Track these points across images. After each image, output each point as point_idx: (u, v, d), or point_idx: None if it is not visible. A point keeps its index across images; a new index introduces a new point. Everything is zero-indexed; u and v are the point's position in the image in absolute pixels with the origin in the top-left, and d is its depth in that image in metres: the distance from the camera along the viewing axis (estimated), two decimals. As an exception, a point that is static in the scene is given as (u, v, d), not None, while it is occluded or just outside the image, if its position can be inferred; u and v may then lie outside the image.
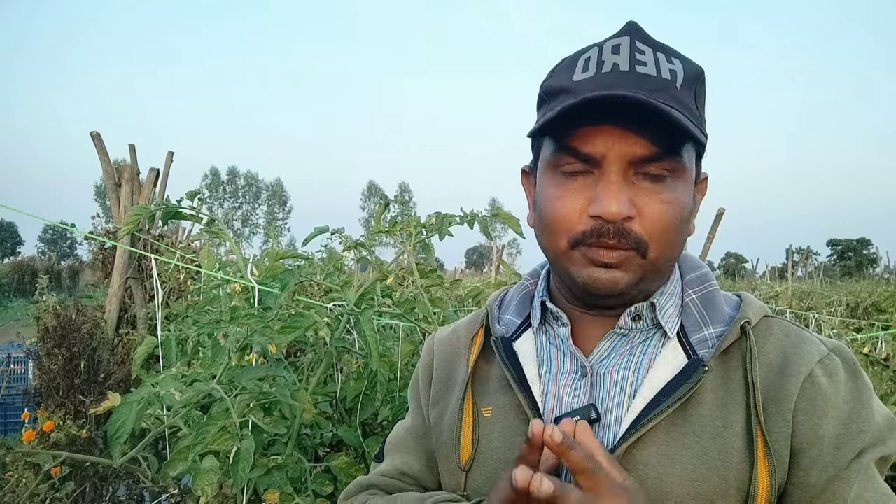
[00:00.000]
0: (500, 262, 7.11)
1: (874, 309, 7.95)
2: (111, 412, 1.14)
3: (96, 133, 3.18)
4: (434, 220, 1.63)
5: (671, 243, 0.67)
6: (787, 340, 0.68)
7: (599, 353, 0.71)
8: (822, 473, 0.62)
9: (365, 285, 1.56)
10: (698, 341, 0.68)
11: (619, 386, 0.68)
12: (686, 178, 0.67)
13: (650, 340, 0.70)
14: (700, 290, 0.73)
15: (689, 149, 0.66)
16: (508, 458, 0.70)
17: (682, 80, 0.65)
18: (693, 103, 0.66)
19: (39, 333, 3.02)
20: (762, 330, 0.69)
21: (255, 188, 70.91)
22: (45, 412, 2.61)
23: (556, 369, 0.73)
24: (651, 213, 0.65)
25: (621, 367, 0.69)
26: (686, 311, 0.71)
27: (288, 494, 1.36)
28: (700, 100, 0.68)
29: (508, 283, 2.32)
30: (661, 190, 0.65)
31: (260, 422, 1.22)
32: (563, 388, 0.71)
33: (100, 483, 2.34)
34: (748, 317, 0.68)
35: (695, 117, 0.65)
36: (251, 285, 1.61)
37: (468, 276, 13.67)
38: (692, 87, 0.66)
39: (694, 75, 0.66)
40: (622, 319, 0.70)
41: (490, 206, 1.77)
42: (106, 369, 2.93)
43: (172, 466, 1.13)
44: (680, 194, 0.66)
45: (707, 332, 0.69)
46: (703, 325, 0.70)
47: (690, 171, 0.68)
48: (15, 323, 11.84)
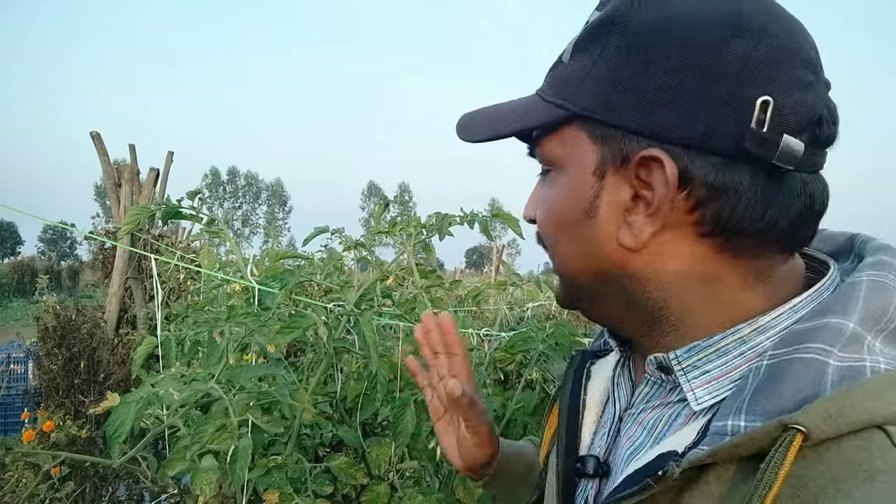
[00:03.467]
0: (500, 262, 7.11)
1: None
2: (111, 412, 1.14)
3: (96, 133, 3.17)
4: (434, 221, 1.62)
5: (557, 247, 0.54)
6: (851, 472, 0.37)
7: (638, 399, 0.57)
8: None
9: (365, 285, 1.56)
10: (714, 432, 0.44)
11: (632, 447, 0.54)
12: (567, 168, 0.52)
13: (688, 403, 0.49)
14: (781, 355, 0.43)
15: (568, 130, 0.51)
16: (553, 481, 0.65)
17: (573, 49, 0.51)
18: (587, 63, 0.50)
19: (39, 333, 3.02)
20: (842, 448, 0.38)
21: (255, 188, 70.88)
22: (44, 412, 2.60)
23: (612, 403, 0.61)
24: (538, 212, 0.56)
25: (646, 426, 0.53)
26: (742, 382, 0.45)
27: (288, 494, 1.36)
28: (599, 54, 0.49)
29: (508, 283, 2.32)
30: (541, 189, 0.57)
31: (258, 421, 1.22)
32: (604, 422, 0.61)
33: (100, 483, 2.34)
34: (805, 421, 0.38)
35: (568, 85, 0.51)
36: (251, 285, 1.60)
37: (468, 276, 13.67)
38: (590, 45, 0.50)
39: (590, 32, 0.50)
40: (647, 367, 0.53)
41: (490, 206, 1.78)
42: (106, 369, 2.93)
43: (171, 466, 1.13)
44: (555, 190, 0.53)
45: (731, 423, 0.43)
46: (739, 409, 0.43)
47: (570, 158, 0.51)
48: (15, 323, 11.84)
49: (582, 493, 0.59)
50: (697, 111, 0.45)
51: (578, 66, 0.50)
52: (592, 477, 0.56)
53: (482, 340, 1.93)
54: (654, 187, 0.47)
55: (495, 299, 2.85)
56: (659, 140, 0.46)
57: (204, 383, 1.15)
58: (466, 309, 2.68)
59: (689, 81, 0.45)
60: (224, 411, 1.15)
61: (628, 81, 0.47)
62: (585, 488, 0.58)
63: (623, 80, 0.47)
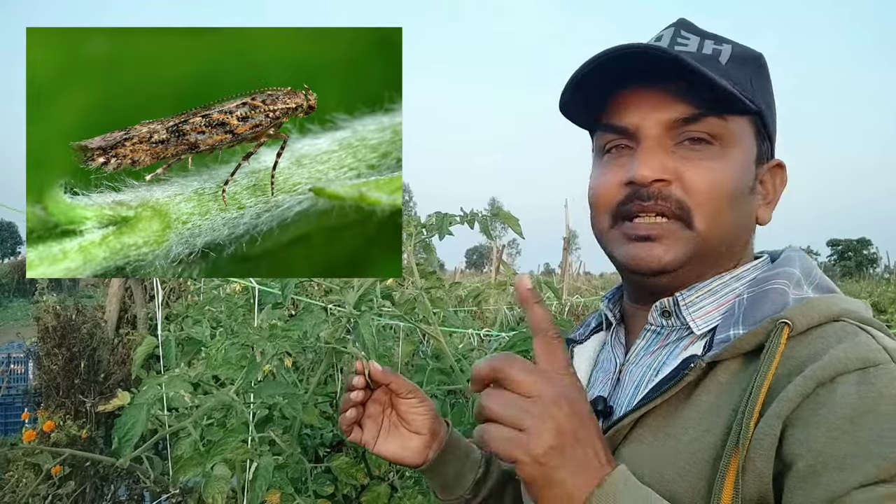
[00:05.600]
0: (500, 262, 7.11)
1: (874, 309, 7.96)
2: (114, 412, 1.14)
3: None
4: (434, 220, 1.63)
5: (721, 214, 0.61)
6: (829, 342, 0.54)
7: (636, 351, 0.68)
8: (807, 495, 0.48)
9: (365, 286, 1.56)
10: (720, 342, 0.59)
11: (636, 383, 0.65)
12: (738, 147, 0.62)
13: (683, 340, 0.64)
14: (756, 290, 0.61)
15: (739, 120, 0.62)
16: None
17: (728, 58, 0.62)
18: (744, 79, 0.62)
19: (39, 333, 3.02)
20: (815, 334, 0.55)
21: (255, 188, 70.80)
22: (45, 412, 2.61)
23: (601, 367, 0.73)
24: (693, 175, 0.60)
25: (647, 365, 0.65)
26: (730, 310, 0.61)
27: (289, 494, 1.36)
28: (756, 80, 0.64)
29: (508, 284, 2.32)
30: (705, 155, 0.61)
31: (279, 439, 1.23)
32: (598, 382, 0.71)
33: (100, 483, 2.34)
34: (790, 318, 0.55)
35: (742, 87, 0.61)
36: (251, 285, 1.61)
37: (468, 276, 13.67)
38: (743, 66, 0.63)
39: (746, 55, 0.64)
40: (650, 315, 0.65)
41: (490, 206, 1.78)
42: (106, 369, 2.94)
43: (182, 472, 1.13)
44: (729, 163, 0.61)
45: (732, 332, 0.59)
46: (735, 324, 0.59)
47: (743, 142, 0.63)
48: (15, 323, 11.84)
49: None
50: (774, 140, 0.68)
51: (745, 76, 0.63)
52: (601, 414, 0.66)
53: (482, 341, 1.93)
54: (771, 186, 0.67)
55: (495, 299, 2.86)
56: (772, 153, 0.67)
57: (226, 394, 1.15)
58: (466, 309, 2.68)
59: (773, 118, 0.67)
60: (244, 425, 1.16)
61: (771, 107, 0.66)
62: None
63: (769, 105, 0.66)
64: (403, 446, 0.81)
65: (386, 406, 0.82)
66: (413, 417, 0.80)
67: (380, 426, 0.81)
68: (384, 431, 0.81)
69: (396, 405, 0.81)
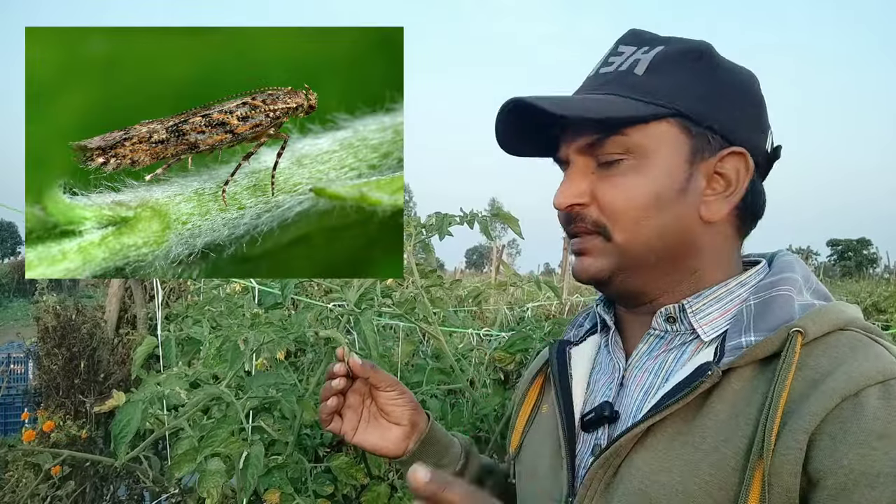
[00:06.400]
0: (500, 262, 7.11)
1: (874, 309, 7.93)
2: (113, 412, 1.13)
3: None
4: (434, 220, 1.62)
5: (639, 223, 0.64)
6: (845, 353, 0.56)
7: (638, 355, 0.69)
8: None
9: (365, 285, 1.56)
10: (731, 348, 0.60)
11: (644, 389, 0.66)
12: (658, 153, 0.64)
13: (688, 345, 0.66)
14: (763, 296, 0.63)
15: (653, 126, 0.63)
16: (541, 453, 0.73)
17: (647, 66, 0.64)
18: (665, 82, 0.64)
19: (39, 333, 3.02)
20: (827, 342, 0.57)
21: (254, 188, 70.83)
22: (45, 412, 2.61)
23: (602, 370, 0.73)
24: (604, 196, 0.65)
25: (652, 370, 0.67)
26: (738, 317, 0.63)
27: (288, 494, 1.36)
28: (690, 75, 0.64)
29: (508, 284, 2.32)
30: (619, 170, 0.64)
31: (269, 428, 1.23)
32: (600, 387, 0.71)
33: (100, 483, 2.34)
34: (803, 326, 0.57)
35: (654, 94, 0.63)
36: (251, 285, 1.61)
37: (468, 276, 13.66)
38: (673, 66, 0.64)
39: (679, 53, 0.65)
40: (655, 320, 0.67)
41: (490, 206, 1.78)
42: (106, 369, 2.93)
43: (178, 468, 1.13)
44: (646, 172, 0.64)
45: (744, 339, 0.60)
46: (745, 331, 0.60)
47: (664, 146, 0.64)
48: (15, 323, 11.83)
49: (581, 445, 0.69)
50: (754, 130, 0.66)
51: (670, 80, 0.64)
52: (607, 420, 0.67)
53: (482, 340, 1.93)
54: (731, 176, 0.64)
55: (495, 299, 2.86)
56: (729, 142, 0.64)
57: (216, 387, 1.15)
58: (466, 309, 2.68)
59: (748, 108, 0.66)
60: (235, 416, 1.15)
61: (713, 97, 0.64)
62: (586, 441, 0.69)
63: (709, 96, 0.64)
64: (383, 437, 0.81)
65: (366, 397, 0.82)
66: (392, 408, 0.81)
67: (359, 417, 0.82)
68: (363, 422, 0.82)
69: (376, 397, 0.82)
